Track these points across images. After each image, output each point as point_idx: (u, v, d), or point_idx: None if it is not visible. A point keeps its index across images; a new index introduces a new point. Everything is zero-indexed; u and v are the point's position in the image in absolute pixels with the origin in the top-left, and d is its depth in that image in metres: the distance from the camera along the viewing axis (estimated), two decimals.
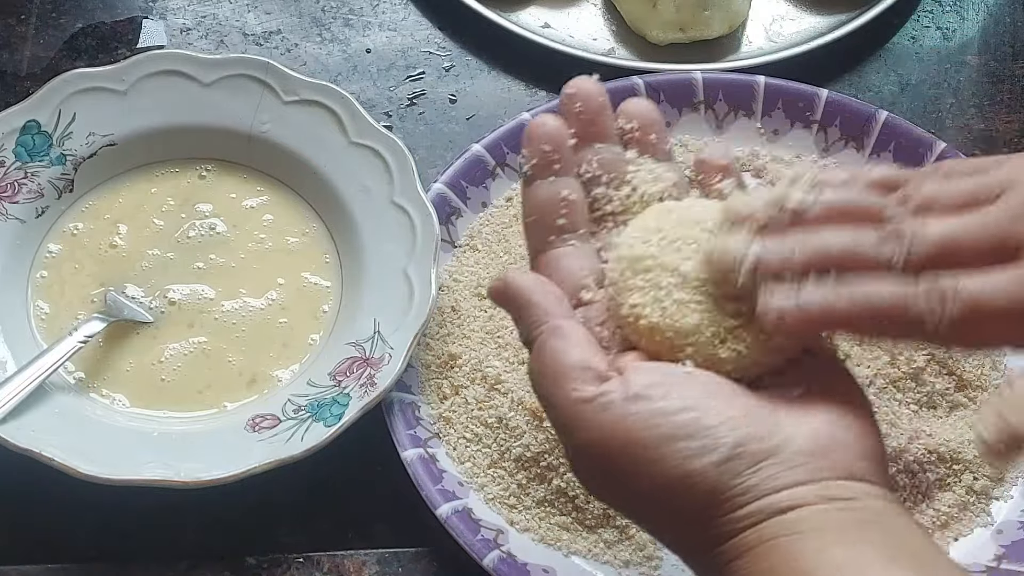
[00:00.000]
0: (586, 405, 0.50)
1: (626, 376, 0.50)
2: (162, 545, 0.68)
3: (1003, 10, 0.92)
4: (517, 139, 0.79)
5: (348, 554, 0.68)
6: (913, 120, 0.82)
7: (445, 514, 0.66)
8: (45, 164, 0.76)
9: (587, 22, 0.89)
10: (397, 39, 0.89)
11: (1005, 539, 0.67)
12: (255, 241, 0.76)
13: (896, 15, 0.90)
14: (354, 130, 0.77)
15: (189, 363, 0.72)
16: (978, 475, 0.69)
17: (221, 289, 0.75)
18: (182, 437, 0.69)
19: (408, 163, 0.75)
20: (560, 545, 0.67)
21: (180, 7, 0.90)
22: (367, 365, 0.70)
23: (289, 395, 0.70)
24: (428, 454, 0.69)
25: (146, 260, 0.75)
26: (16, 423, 0.67)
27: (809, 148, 0.81)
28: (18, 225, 0.75)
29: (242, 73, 0.78)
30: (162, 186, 0.78)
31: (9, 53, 0.87)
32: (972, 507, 0.68)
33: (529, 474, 0.68)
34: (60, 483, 0.65)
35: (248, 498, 0.67)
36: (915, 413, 0.70)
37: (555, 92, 0.83)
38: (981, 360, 0.72)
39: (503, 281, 0.55)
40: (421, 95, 0.86)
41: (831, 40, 0.87)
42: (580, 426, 0.50)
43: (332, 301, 0.75)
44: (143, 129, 0.78)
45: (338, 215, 0.76)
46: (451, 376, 0.72)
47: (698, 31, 0.86)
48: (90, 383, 0.72)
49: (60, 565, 0.68)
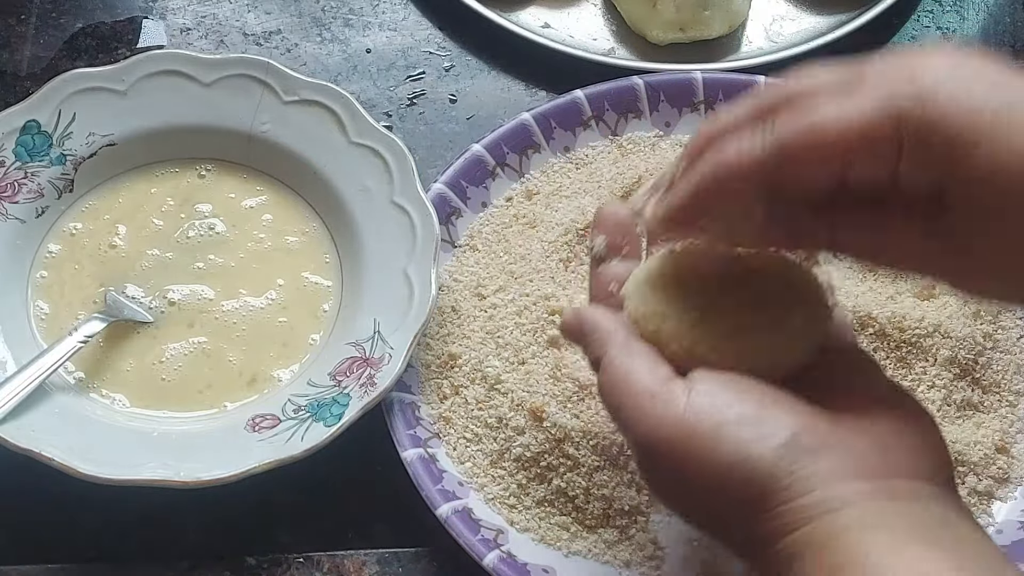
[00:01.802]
0: (653, 400, 0.52)
1: (691, 378, 0.53)
2: (162, 545, 0.68)
3: (1003, 10, 0.92)
4: (517, 139, 0.80)
5: (348, 554, 0.68)
6: None
7: (445, 514, 0.66)
8: (45, 164, 0.76)
9: (587, 22, 0.89)
10: (397, 39, 0.89)
11: (1005, 539, 0.67)
12: (254, 241, 0.76)
13: (896, 15, 0.90)
14: (354, 130, 0.77)
15: (189, 363, 0.72)
16: (982, 476, 0.69)
17: (220, 289, 0.75)
18: (182, 437, 0.69)
19: (408, 163, 0.75)
20: (560, 545, 0.67)
21: (180, 7, 0.90)
22: (367, 365, 0.70)
23: (289, 395, 0.70)
24: (428, 454, 0.69)
25: (146, 260, 0.75)
26: (16, 423, 0.67)
27: None
28: (18, 225, 0.75)
29: (242, 73, 0.78)
30: (162, 186, 0.78)
31: (9, 53, 0.87)
32: (973, 508, 0.68)
33: (529, 474, 0.68)
34: (60, 483, 0.65)
35: (248, 498, 0.67)
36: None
37: (555, 92, 0.84)
38: (1005, 365, 0.72)
39: (575, 313, 0.58)
40: (421, 95, 0.86)
41: (831, 40, 0.87)
42: (645, 421, 0.52)
43: (332, 301, 0.75)
44: (143, 129, 0.78)
45: (338, 215, 0.76)
46: (451, 376, 0.72)
47: (698, 31, 0.86)
48: (90, 383, 0.72)
49: (60, 565, 0.68)
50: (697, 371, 0.53)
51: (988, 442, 0.69)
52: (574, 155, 0.80)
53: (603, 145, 0.81)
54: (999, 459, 0.69)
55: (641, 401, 0.52)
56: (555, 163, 0.80)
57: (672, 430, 0.51)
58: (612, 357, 0.55)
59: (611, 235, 0.60)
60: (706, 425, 0.50)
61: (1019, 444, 0.70)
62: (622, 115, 0.81)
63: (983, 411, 0.71)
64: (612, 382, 0.54)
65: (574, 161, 0.80)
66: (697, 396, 0.51)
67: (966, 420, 0.70)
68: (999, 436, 0.70)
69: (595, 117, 0.81)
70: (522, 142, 0.80)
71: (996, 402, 0.71)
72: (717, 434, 0.50)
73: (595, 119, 0.81)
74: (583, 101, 0.81)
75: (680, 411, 0.51)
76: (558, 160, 0.80)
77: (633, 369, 0.54)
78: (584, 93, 0.81)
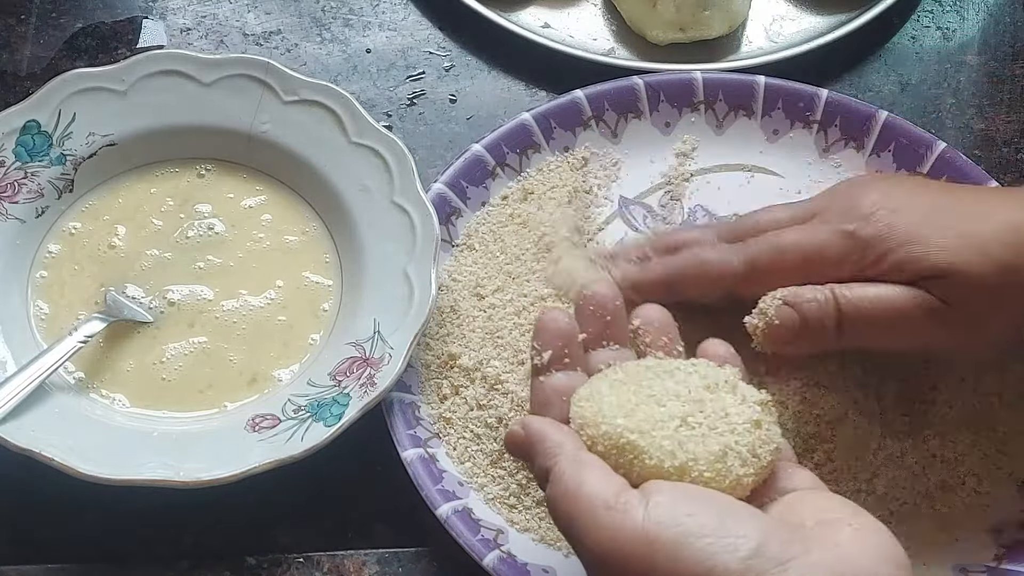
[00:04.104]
0: (609, 512, 0.50)
1: (646, 488, 0.52)
2: (162, 545, 0.68)
3: (1003, 10, 0.92)
4: (517, 139, 0.80)
5: (348, 554, 0.68)
6: (913, 120, 0.82)
7: (445, 514, 0.66)
8: (45, 164, 0.76)
9: (587, 22, 0.89)
10: (397, 39, 0.89)
11: (1005, 539, 0.67)
12: (254, 240, 0.76)
13: (896, 15, 0.90)
14: (354, 130, 0.77)
15: (189, 363, 0.72)
16: (982, 477, 0.69)
17: (220, 289, 0.75)
18: (182, 437, 0.69)
19: (408, 163, 0.75)
20: (560, 545, 0.67)
21: (180, 7, 0.90)
22: (367, 365, 0.70)
23: (289, 395, 0.70)
24: (428, 454, 0.69)
25: (146, 260, 0.75)
26: (16, 423, 0.67)
27: (809, 148, 0.81)
28: (18, 225, 0.75)
29: (242, 73, 0.78)
30: (161, 186, 0.78)
31: (9, 53, 0.87)
32: (973, 508, 0.68)
33: (529, 474, 0.68)
34: (60, 483, 0.65)
35: (248, 498, 0.67)
36: (923, 414, 0.70)
37: (555, 92, 0.84)
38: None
39: (521, 424, 0.57)
40: (421, 95, 0.86)
41: (831, 40, 0.87)
42: (601, 532, 0.50)
43: (332, 300, 0.75)
44: (143, 129, 0.78)
45: (338, 215, 0.76)
46: (451, 376, 0.72)
47: (698, 31, 0.86)
48: (90, 383, 0.72)
49: (60, 565, 0.68)
50: (651, 482, 0.52)
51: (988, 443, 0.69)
52: (572, 155, 0.80)
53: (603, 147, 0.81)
54: (1000, 460, 0.69)
55: (596, 512, 0.51)
56: (552, 162, 0.80)
57: (630, 542, 0.49)
58: (563, 468, 0.53)
59: (553, 348, 0.60)
60: (667, 536, 0.49)
61: (1017, 443, 0.70)
62: (622, 115, 0.81)
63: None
64: (563, 493, 0.52)
65: (569, 161, 0.80)
66: (656, 507, 0.50)
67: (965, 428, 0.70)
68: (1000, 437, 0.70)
69: (595, 117, 0.81)
70: (522, 142, 0.80)
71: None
72: (678, 544, 0.48)
73: (595, 119, 0.81)
74: (583, 101, 0.81)
75: (638, 522, 0.50)
76: (555, 159, 0.80)
77: (585, 480, 0.52)
78: (584, 93, 0.81)
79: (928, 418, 0.70)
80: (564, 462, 0.54)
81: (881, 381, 0.69)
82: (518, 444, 0.57)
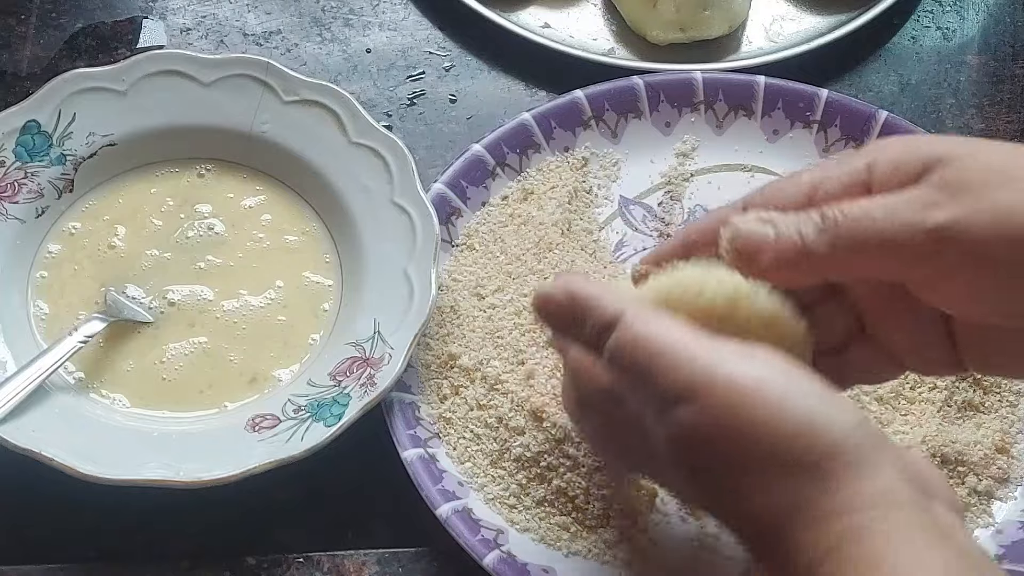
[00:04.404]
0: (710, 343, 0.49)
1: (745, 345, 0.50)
2: (162, 545, 0.68)
3: (1003, 10, 0.92)
4: (517, 139, 0.80)
5: (348, 554, 0.68)
6: (913, 120, 0.82)
7: (445, 514, 0.66)
8: (45, 164, 0.76)
9: (587, 22, 0.89)
10: (397, 39, 0.89)
11: (1005, 539, 0.67)
12: (254, 240, 0.76)
13: (896, 15, 0.90)
14: (354, 130, 0.77)
15: (189, 363, 0.72)
16: (982, 476, 0.69)
17: (220, 289, 0.75)
18: (182, 437, 0.69)
19: (408, 163, 0.75)
20: (560, 545, 0.67)
21: (180, 7, 0.90)
22: (367, 365, 0.70)
23: (289, 395, 0.70)
24: (428, 454, 0.69)
25: (146, 260, 0.75)
26: (16, 423, 0.67)
27: (809, 148, 0.81)
28: (18, 225, 0.75)
29: (242, 73, 0.78)
30: (161, 186, 0.78)
31: (9, 53, 0.87)
32: (974, 508, 0.68)
33: (529, 474, 0.68)
34: (60, 483, 0.65)
35: (248, 498, 0.67)
36: (923, 414, 0.70)
37: (555, 92, 0.84)
38: None
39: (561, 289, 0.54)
40: (421, 95, 0.86)
41: (831, 40, 0.87)
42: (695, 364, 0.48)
43: (332, 300, 0.75)
44: (143, 129, 0.78)
45: (338, 215, 0.76)
46: (451, 376, 0.72)
47: (698, 31, 0.86)
48: (90, 383, 0.72)
49: (60, 565, 0.68)
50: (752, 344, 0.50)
51: (988, 442, 0.69)
52: (572, 155, 0.80)
53: (604, 147, 0.81)
54: (999, 459, 0.69)
55: (688, 344, 0.48)
56: (552, 162, 0.80)
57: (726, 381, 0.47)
58: (636, 312, 0.50)
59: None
60: (772, 387, 0.47)
61: (1019, 444, 0.70)
62: (622, 115, 0.81)
63: (984, 411, 0.71)
64: (643, 332, 0.49)
65: (570, 161, 0.80)
66: (757, 362, 0.48)
67: (967, 420, 0.70)
68: (999, 436, 0.70)
69: (595, 117, 0.81)
70: (522, 142, 0.80)
71: (996, 402, 0.71)
72: (784, 396, 0.47)
73: (595, 119, 0.81)
74: (583, 101, 0.81)
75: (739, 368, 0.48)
76: (555, 159, 0.80)
77: (668, 324, 0.49)
78: (584, 93, 0.81)
79: (927, 416, 0.70)
80: (635, 307, 0.51)
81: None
82: (561, 306, 0.54)
